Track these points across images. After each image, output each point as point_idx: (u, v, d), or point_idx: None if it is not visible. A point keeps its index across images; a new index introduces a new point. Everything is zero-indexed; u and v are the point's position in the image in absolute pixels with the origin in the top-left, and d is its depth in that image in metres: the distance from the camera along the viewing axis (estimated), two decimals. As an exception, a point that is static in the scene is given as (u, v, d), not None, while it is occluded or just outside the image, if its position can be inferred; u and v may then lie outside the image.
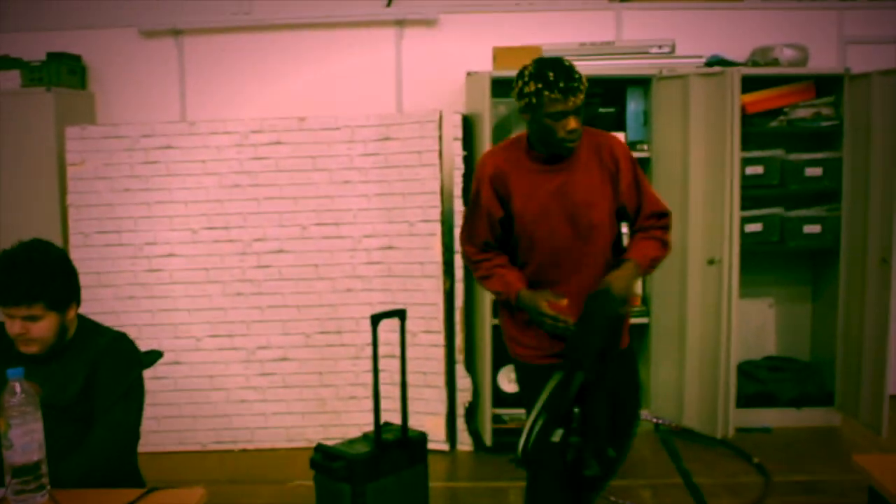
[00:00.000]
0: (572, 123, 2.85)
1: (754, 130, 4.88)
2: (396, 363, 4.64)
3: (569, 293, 2.96)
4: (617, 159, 3.02)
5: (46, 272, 2.57)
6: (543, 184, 2.99)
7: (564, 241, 2.98)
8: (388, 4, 5.31)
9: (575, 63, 3.15)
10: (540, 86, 2.83)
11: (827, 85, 4.95)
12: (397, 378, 3.73)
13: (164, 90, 5.38)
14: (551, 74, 2.83)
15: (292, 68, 5.33)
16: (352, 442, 3.63)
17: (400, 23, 5.26)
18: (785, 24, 5.22)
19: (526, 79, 2.88)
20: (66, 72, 5.13)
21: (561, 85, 2.82)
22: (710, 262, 4.64)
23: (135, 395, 2.73)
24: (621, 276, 2.90)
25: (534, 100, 2.85)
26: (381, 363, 4.55)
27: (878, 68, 4.64)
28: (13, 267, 2.53)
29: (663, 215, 3.10)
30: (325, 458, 3.55)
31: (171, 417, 4.84)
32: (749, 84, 4.78)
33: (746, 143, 4.78)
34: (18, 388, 2.18)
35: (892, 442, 4.57)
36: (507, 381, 4.86)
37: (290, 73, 5.32)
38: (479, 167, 3.11)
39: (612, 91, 4.99)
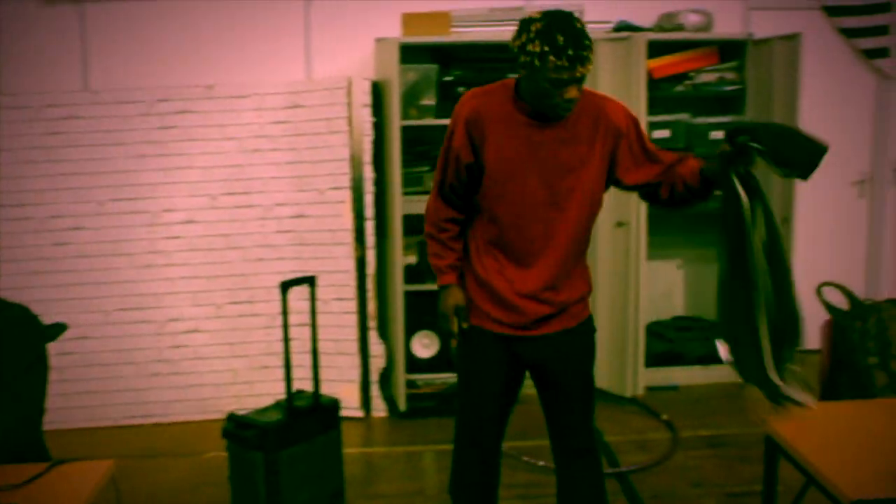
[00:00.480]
0: (573, 92, 2.58)
1: (661, 95, 4.97)
2: (309, 331, 4.64)
3: (529, 274, 2.76)
4: (619, 131, 2.73)
5: None
6: (524, 137, 2.72)
7: (535, 205, 2.73)
8: (296, -31, 5.24)
9: (484, 29, 3.08)
10: (546, 49, 2.49)
11: (731, 50, 5.06)
12: (310, 346, 3.74)
13: (66, 59, 5.22)
14: (560, 38, 2.49)
15: (200, 35, 5.22)
16: (264, 410, 3.64)
17: (308, -12, 5.21)
18: (690, -10, 5.31)
19: (532, 35, 2.52)
20: (-38, 40, 4.97)
21: (570, 53, 2.50)
22: (619, 224, 4.72)
23: (38, 368, 2.70)
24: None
25: (537, 62, 2.52)
26: (294, 331, 4.54)
27: (778, 34, 4.76)
28: None
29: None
30: (237, 428, 3.55)
31: (81, 393, 4.76)
32: (656, 49, 4.86)
33: (653, 108, 4.86)
34: None
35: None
36: (421, 347, 4.89)
37: (197, 39, 5.21)
38: (457, 108, 2.82)
39: (521, 56, 5.01)
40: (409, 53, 4.69)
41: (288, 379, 3.58)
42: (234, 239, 4.79)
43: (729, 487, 3.87)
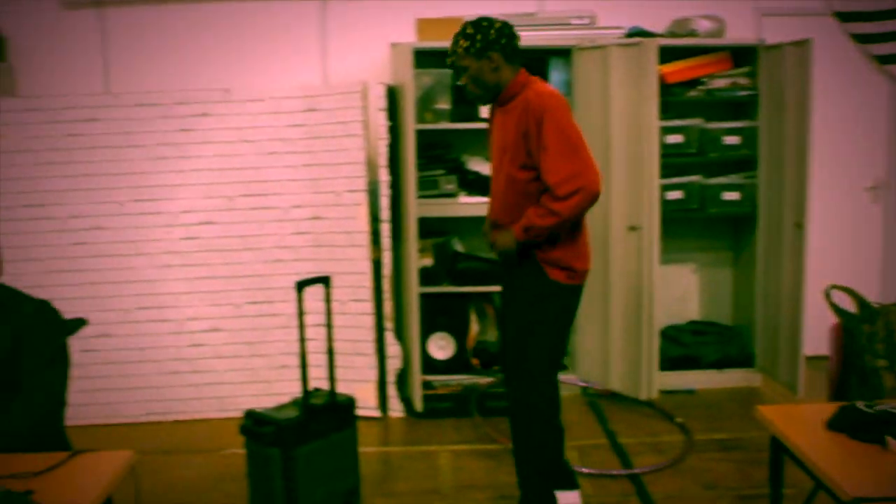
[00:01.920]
0: (462, 79, 3.34)
1: (674, 100, 5.00)
2: (324, 331, 4.68)
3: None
4: (537, 121, 3.20)
5: None
6: (492, 121, 3.48)
7: (495, 174, 3.43)
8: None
9: None
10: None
11: (743, 56, 5.09)
12: (326, 346, 3.78)
13: (86, 62, 5.30)
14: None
15: (218, 40, 5.28)
16: (281, 408, 3.67)
17: (324, -7, 5.27)
18: (703, -3, 5.34)
19: None
20: (-16, 45, 5.04)
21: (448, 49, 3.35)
22: (632, 228, 4.75)
23: (60, 361, 2.74)
24: (499, 237, 3.36)
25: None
26: (311, 332, 4.60)
27: (791, 39, 4.79)
28: None
29: (558, 186, 3.20)
30: (254, 424, 3.58)
31: (101, 390, 4.81)
32: (668, 55, 4.90)
33: (666, 113, 4.89)
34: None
35: (809, 400, 4.74)
36: (437, 349, 4.93)
37: (215, 44, 5.28)
38: None
39: (534, 61, 5.03)
40: (424, 58, 4.74)
41: (304, 376, 3.62)
42: (251, 240, 4.84)
43: (741, 490, 3.89)
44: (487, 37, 3.28)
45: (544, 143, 3.19)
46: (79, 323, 3.00)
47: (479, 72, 3.31)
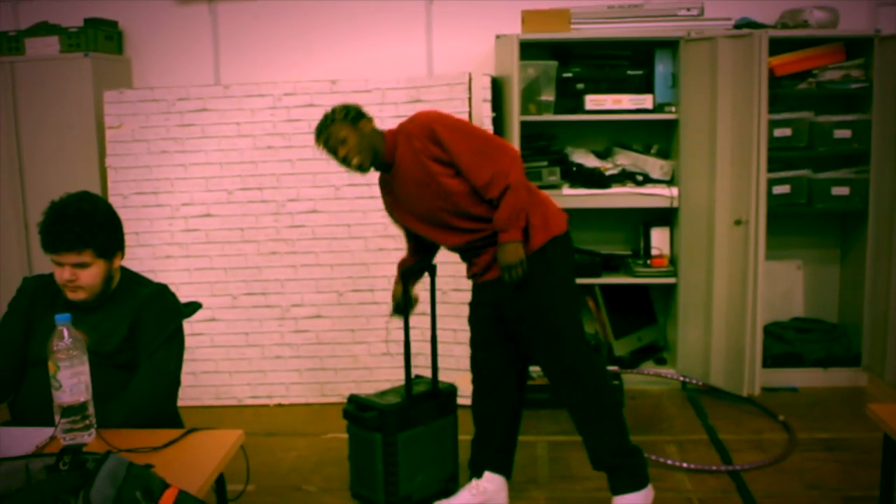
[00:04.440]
0: (340, 152, 3.35)
1: (783, 92, 4.89)
2: (428, 320, 4.74)
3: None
4: (431, 139, 3.28)
5: (95, 221, 2.69)
6: (387, 190, 3.54)
7: (425, 231, 3.51)
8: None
9: (603, 25, 3.43)
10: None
11: (857, 47, 4.94)
12: (429, 335, 3.82)
13: (198, 55, 5.47)
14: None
15: (324, 33, 5.38)
16: (384, 394, 3.75)
17: (430, -14, 5.31)
18: (816, -15, 5.20)
19: None
20: (103, 37, 5.23)
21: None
22: (738, 222, 4.68)
23: (176, 342, 2.85)
24: (504, 253, 3.29)
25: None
26: (413, 320, 4.65)
27: (909, 30, 4.64)
28: (64, 216, 2.66)
29: (488, 188, 3.28)
30: (357, 409, 3.66)
31: (208, 373, 4.98)
32: (778, 46, 4.79)
33: (775, 106, 4.78)
34: (66, 334, 2.29)
35: (918, 401, 4.62)
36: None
37: (322, 37, 5.38)
38: None
39: (640, 53, 5.02)
40: (529, 50, 4.75)
41: (407, 364, 3.68)
42: (356, 229, 4.92)
43: (846, 491, 3.80)
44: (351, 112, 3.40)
45: (452, 149, 3.26)
46: (194, 306, 3.11)
47: (360, 139, 3.36)
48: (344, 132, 3.31)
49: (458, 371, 4.77)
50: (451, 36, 5.29)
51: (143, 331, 2.76)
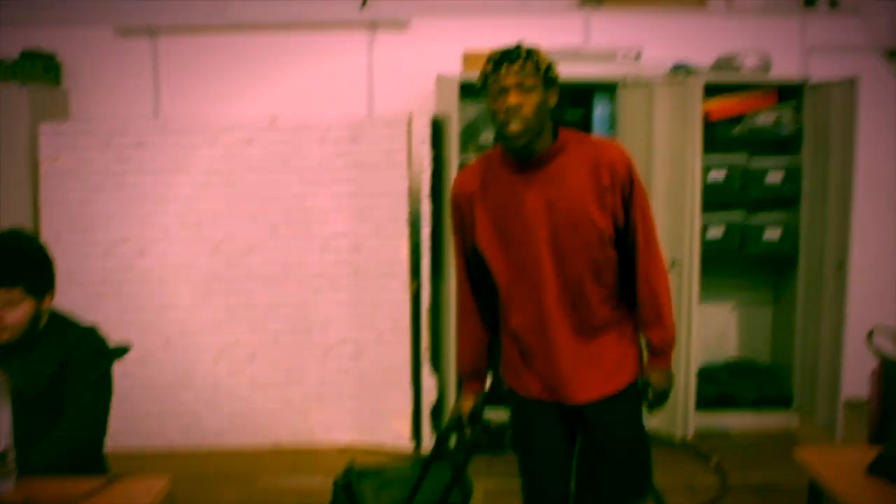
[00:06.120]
0: (512, 98, 2.45)
1: (717, 136, 4.98)
2: (362, 363, 4.74)
3: (545, 364, 2.69)
4: (623, 182, 2.60)
5: (26, 257, 2.65)
6: (514, 196, 2.59)
7: (544, 274, 2.61)
8: (363, 6, 5.36)
9: None
10: (484, 65, 2.54)
11: (788, 92, 5.05)
12: (364, 378, 3.78)
13: (138, 88, 5.41)
14: (496, 53, 2.52)
15: (266, 69, 5.37)
16: (386, 482, 3.38)
17: (372, 25, 5.32)
18: (749, 32, 5.32)
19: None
20: (41, 69, 5.16)
21: (497, 57, 2.50)
22: (672, 264, 4.74)
23: (104, 386, 2.80)
24: (657, 377, 2.78)
25: (480, 83, 2.56)
26: (347, 363, 4.65)
27: (838, 76, 4.76)
28: None
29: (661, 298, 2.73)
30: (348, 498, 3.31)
31: (138, 416, 4.88)
32: (713, 90, 4.88)
33: (709, 149, 4.87)
34: (-15, 378, 2.25)
35: (847, 443, 4.68)
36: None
37: (263, 73, 5.37)
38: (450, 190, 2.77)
39: (579, 95, 5.08)
40: (469, 91, 4.77)
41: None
42: (293, 269, 4.90)
43: (776, 534, 3.86)
44: (555, 70, 2.62)
45: (636, 219, 2.65)
46: (124, 349, 3.06)
47: (544, 102, 2.54)
48: (535, 81, 2.50)
49: (392, 414, 4.75)
50: (392, 75, 5.31)
51: (70, 373, 2.71)
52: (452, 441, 3.07)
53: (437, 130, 4.89)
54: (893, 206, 5.53)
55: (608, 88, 5.06)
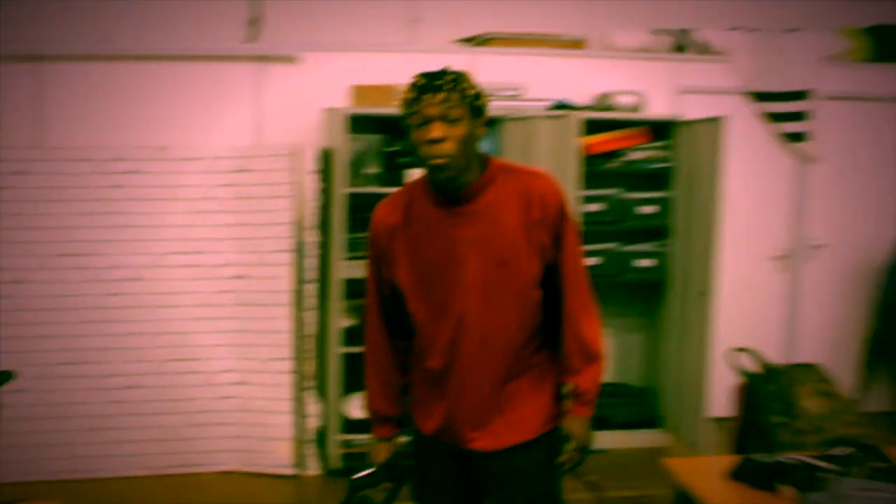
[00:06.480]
0: (435, 131, 2.28)
1: (596, 170, 5.22)
2: (246, 389, 4.79)
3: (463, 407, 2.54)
4: (555, 218, 2.46)
5: None
6: (439, 233, 2.43)
7: (467, 317, 2.45)
8: (249, 40, 5.44)
9: None
10: (406, 93, 2.36)
11: (661, 130, 5.34)
12: (246, 405, 3.80)
13: (22, 115, 5.34)
14: (419, 79, 2.35)
15: (154, 99, 5.36)
16: None
17: (261, 58, 5.38)
18: (626, 73, 5.58)
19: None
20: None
21: (421, 84, 2.32)
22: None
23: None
24: (579, 428, 2.61)
25: (403, 111, 2.37)
26: (230, 390, 4.69)
27: (706, 115, 5.05)
28: None
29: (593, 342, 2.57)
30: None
31: (19, 446, 4.78)
32: (591, 127, 5.13)
33: (588, 182, 5.11)
34: None
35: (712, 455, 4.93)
36: (355, 409, 5.00)
37: (152, 103, 5.35)
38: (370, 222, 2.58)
39: (463, 130, 5.24)
40: (357, 123, 4.90)
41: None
42: (177, 297, 4.90)
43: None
44: (483, 98, 2.44)
45: (566, 257, 2.50)
46: (6, 376, 3.04)
47: (470, 134, 2.37)
48: (461, 112, 2.33)
49: (276, 440, 4.79)
50: (281, 107, 5.36)
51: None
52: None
53: (325, 162, 5.00)
54: (757, 237, 5.87)
55: (492, 123, 5.24)
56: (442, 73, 2.34)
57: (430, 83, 2.31)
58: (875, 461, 2.69)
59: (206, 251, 4.91)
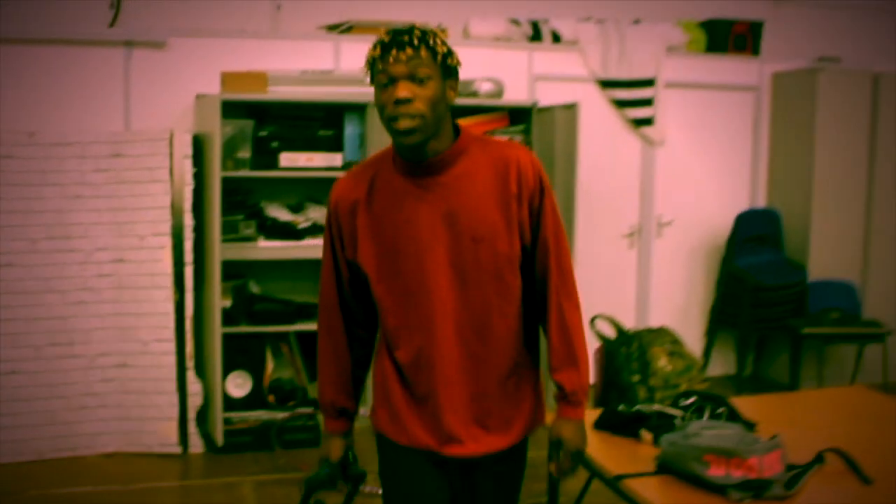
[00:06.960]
0: (401, 90, 2.07)
1: (460, 153, 5.49)
2: (128, 371, 4.86)
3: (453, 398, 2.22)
4: (531, 188, 2.22)
5: None
6: (406, 207, 2.19)
7: (440, 301, 2.19)
8: (112, 24, 5.43)
9: (297, 88, 3.02)
10: (371, 48, 2.14)
11: (520, 115, 5.64)
12: (128, 387, 3.88)
13: None
14: (385, 35, 2.13)
15: (22, 83, 5.26)
16: None
17: (128, 44, 5.38)
18: (485, 61, 5.84)
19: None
20: None
21: (385, 41, 2.10)
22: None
23: None
24: (570, 433, 2.28)
25: (367, 69, 2.16)
26: (112, 372, 4.75)
27: (562, 102, 5.40)
28: None
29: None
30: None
31: None
32: (453, 112, 5.37)
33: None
34: None
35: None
36: (234, 387, 5.12)
37: (19, 87, 5.26)
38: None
39: (332, 115, 5.42)
40: (228, 109, 4.99)
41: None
42: (54, 283, 4.89)
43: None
44: (454, 58, 2.19)
45: (547, 235, 2.27)
46: None
47: (441, 96, 2.14)
48: (431, 71, 2.10)
49: (159, 420, 4.87)
50: (151, 93, 5.38)
51: None
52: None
53: (199, 147, 5.08)
54: (611, 216, 6.32)
55: (358, 109, 5.45)
56: (410, 29, 2.11)
57: (396, 39, 2.09)
58: (719, 408, 3.07)
59: (83, 235, 4.91)
